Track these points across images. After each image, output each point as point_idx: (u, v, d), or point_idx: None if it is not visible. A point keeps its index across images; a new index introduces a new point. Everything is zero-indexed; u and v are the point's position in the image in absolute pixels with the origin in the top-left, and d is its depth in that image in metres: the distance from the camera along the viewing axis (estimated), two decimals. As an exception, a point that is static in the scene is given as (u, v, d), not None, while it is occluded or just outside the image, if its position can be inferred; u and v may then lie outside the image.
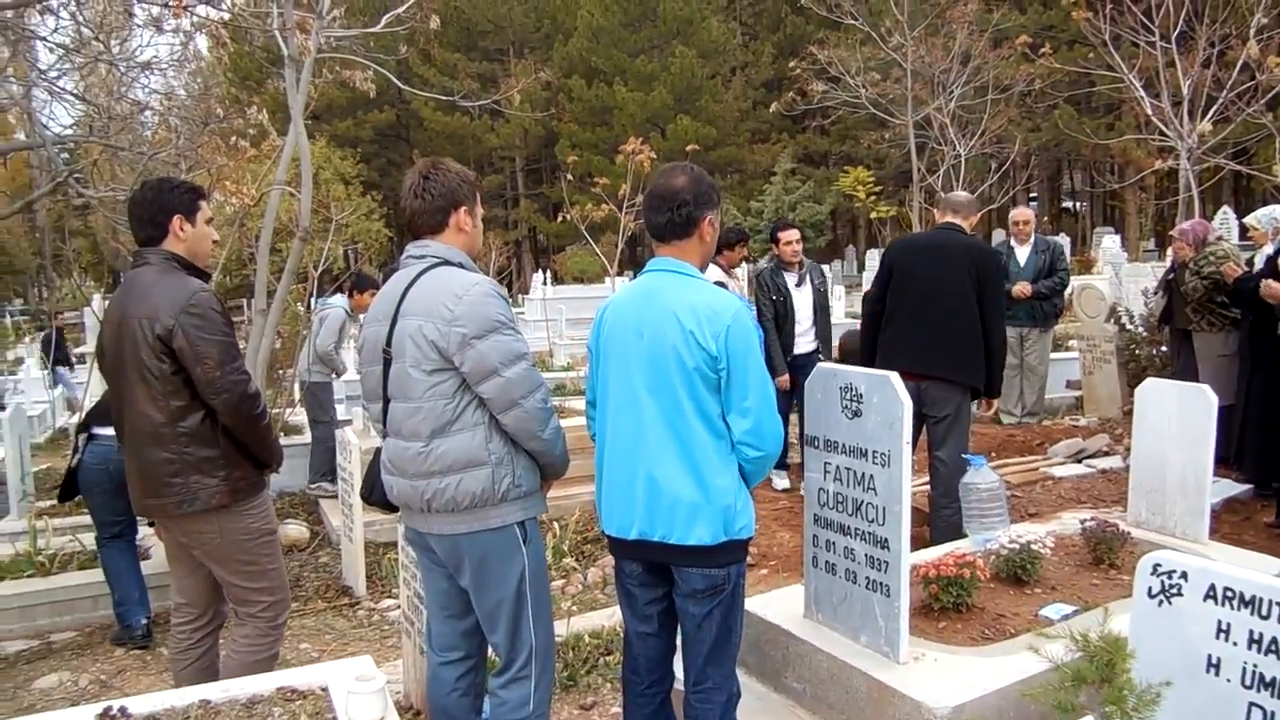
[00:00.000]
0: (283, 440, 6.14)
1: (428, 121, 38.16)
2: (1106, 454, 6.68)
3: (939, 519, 4.79)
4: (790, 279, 6.53)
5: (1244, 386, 5.88)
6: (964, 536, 4.24)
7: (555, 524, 5.92)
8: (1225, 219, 17.67)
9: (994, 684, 2.94)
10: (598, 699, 3.82)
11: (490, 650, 2.99)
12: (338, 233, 10.57)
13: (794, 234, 6.58)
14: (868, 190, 26.29)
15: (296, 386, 8.13)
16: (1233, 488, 5.85)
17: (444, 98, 13.79)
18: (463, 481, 2.67)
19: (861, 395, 3.20)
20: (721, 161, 35.33)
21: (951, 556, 3.59)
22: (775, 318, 6.47)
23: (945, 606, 3.45)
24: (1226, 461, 5.98)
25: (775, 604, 3.71)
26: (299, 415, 8.36)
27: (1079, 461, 6.64)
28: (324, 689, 2.63)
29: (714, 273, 6.78)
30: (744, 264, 6.94)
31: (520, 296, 26.03)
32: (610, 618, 4.65)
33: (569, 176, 15.20)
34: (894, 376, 3.12)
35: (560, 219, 14.50)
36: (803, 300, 6.55)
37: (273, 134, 7.58)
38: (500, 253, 24.11)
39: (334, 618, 5.24)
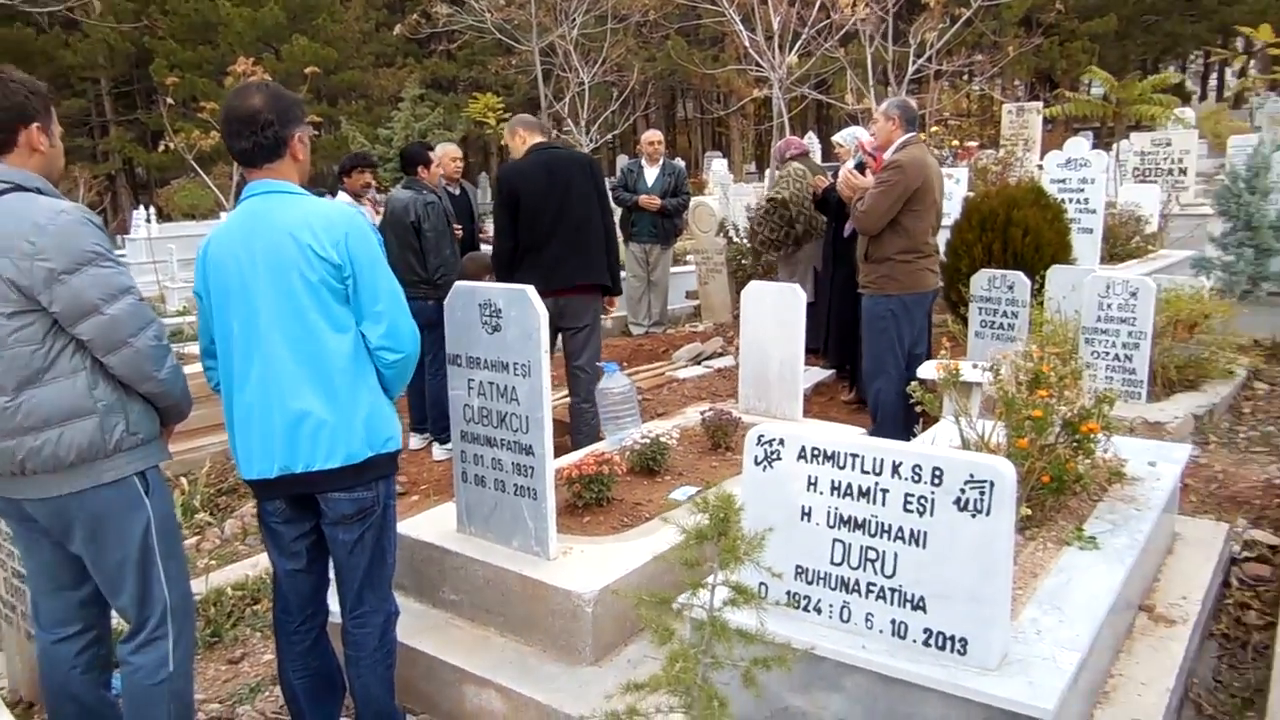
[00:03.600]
0: None
1: (-21, 32, 31.97)
2: (721, 354, 7.43)
3: (581, 424, 5.07)
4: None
5: (826, 285, 6.79)
6: (603, 439, 4.54)
7: (183, 479, 5.45)
8: (811, 141, 19.92)
9: (634, 563, 3.21)
10: (247, 650, 3.64)
11: (116, 616, 2.73)
12: None
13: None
14: (497, 116, 26.30)
15: None
16: (821, 373, 6.79)
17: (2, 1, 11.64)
18: (64, 435, 2.38)
19: (500, 310, 3.27)
20: (345, 86, 33.41)
21: (591, 457, 3.83)
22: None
23: (588, 503, 3.68)
24: (817, 351, 6.93)
25: (428, 523, 3.73)
26: None
27: (699, 363, 7.34)
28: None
29: (342, 200, 6.50)
30: (372, 191, 6.69)
31: (120, 238, 23.06)
32: (255, 567, 4.42)
33: (169, 101, 13.54)
34: (530, 290, 3.21)
35: (162, 149, 12.96)
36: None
37: None
38: (90, 188, 21.06)
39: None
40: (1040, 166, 7.98)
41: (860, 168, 5.82)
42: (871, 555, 2.49)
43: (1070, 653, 2.44)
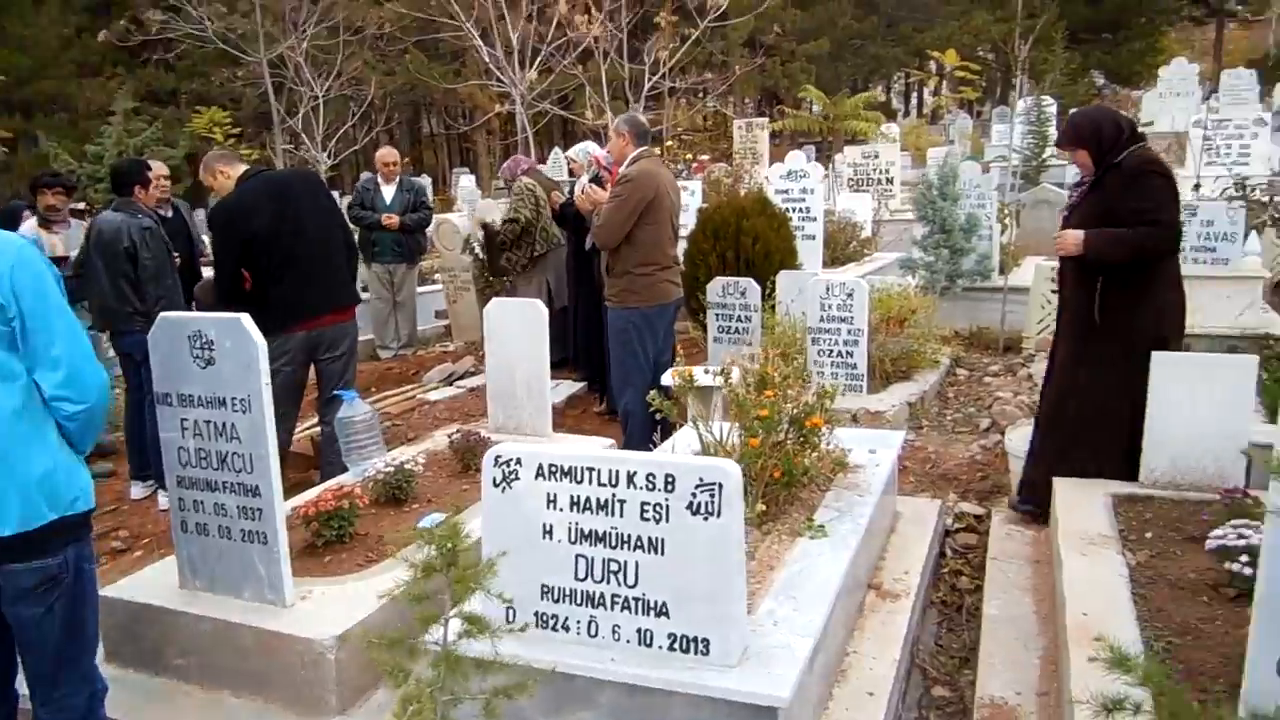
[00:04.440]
0: None
1: None
2: (474, 373, 7.31)
3: (332, 454, 4.78)
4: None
5: (573, 296, 6.86)
6: (345, 470, 4.31)
7: None
8: (556, 157, 20.13)
9: (378, 602, 3.05)
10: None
11: None
12: None
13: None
14: (224, 132, 24.61)
15: None
16: (573, 386, 6.84)
17: None
18: None
19: (212, 342, 3.01)
20: (42, 97, 30.01)
21: (330, 491, 3.62)
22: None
23: (329, 541, 3.47)
24: (567, 363, 6.98)
25: (145, 582, 3.37)
26: None
27: (451, 384, 7.18)
28: None
29: (28, 227, 5.83)
30: (65, 213, 6.00)
31: None
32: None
33: None
34: (244, 317, 2.99)
35: None
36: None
37: None
38: None
39: None
40: (767, 179, 8.50)
41: (597, 181, 5.92)
42: (614, 567, 2.50)
43: (804, 639, 2.57)
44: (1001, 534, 4.18)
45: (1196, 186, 7.89)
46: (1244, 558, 2.89)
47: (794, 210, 7.72)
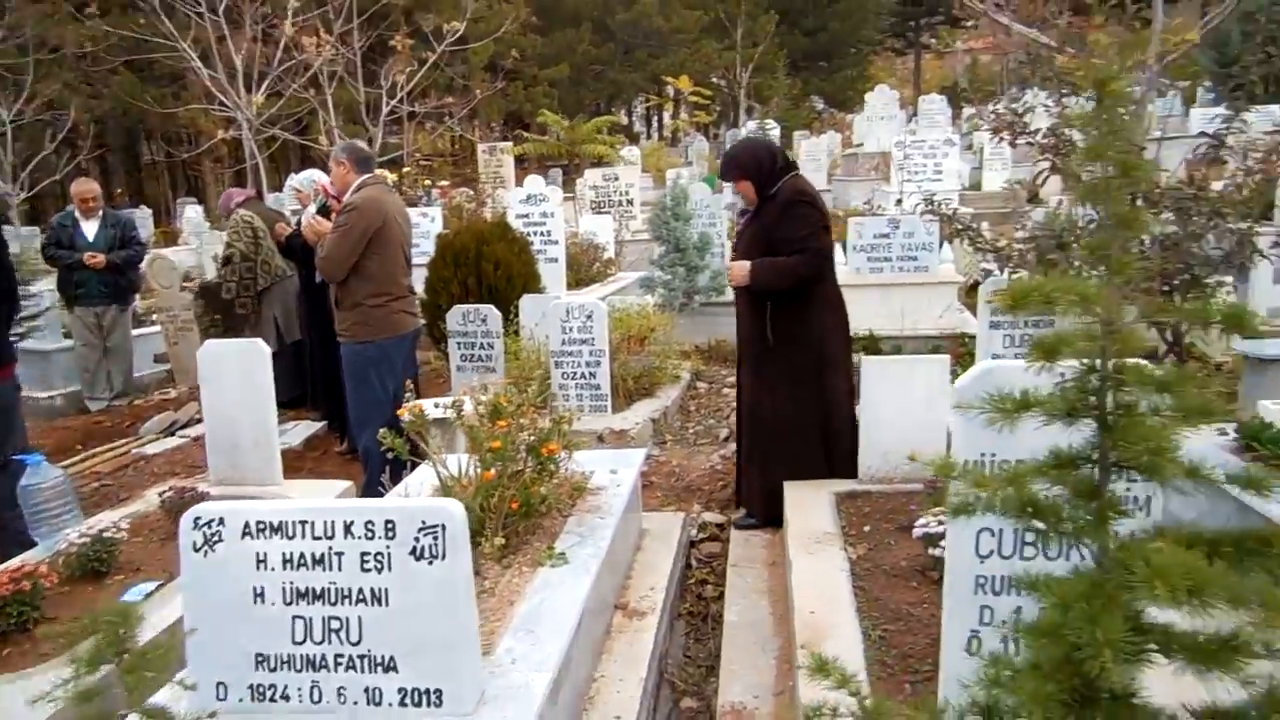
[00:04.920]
0: None
1: None
2: (198, 420, 6.70)
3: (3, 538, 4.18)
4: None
5: (306, 330, 6.48)
6: (35, 545, 3.79)
7: None
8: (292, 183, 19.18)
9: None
10: None
11: None
12: None
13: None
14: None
15: None
16: (311, 427, 6.46)
17: None
18: None
19: None
20: None
21: (6, 574, 3.16)
22: None
23: (8, 630, 3.03)
24: (303, 401, 6.59)
25: None
26: None
27: (172, 434, 6.55)
28: None
29: None
30: None
31: None
32: None
33: None
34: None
35: None
36: None
37: None
38: None
39: None
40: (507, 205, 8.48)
41: (324, 211, 5.63)
42: (335, 625, 2.33)
43: (543, 674, 2.51)
44: (740, 540, 4.34)
45: (898, 201, 8.70)
46: (944, 543, 3.15)
47: (535, 234, 7.73)
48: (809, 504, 3.96)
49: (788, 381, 4.21)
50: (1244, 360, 5.14)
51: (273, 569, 2.33)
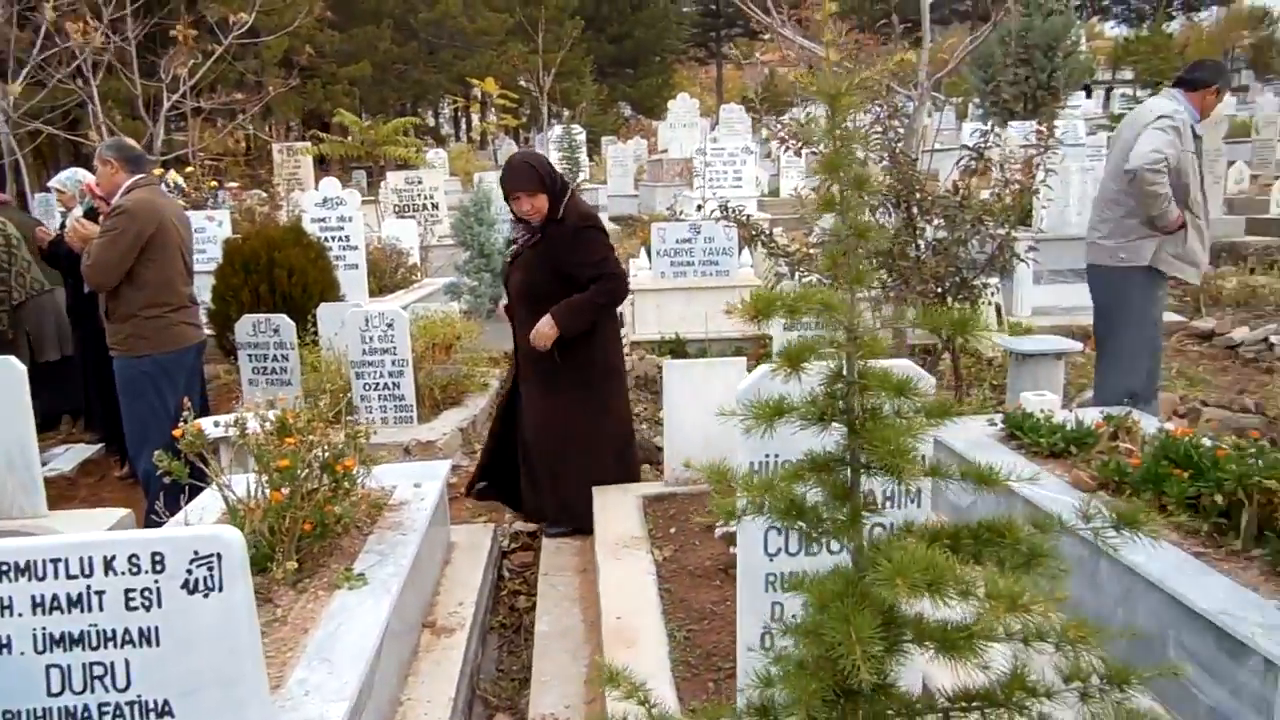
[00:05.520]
0: None
1: None
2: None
3: None
4: None
5: (78, 344, 5.95)
6: None
7: None
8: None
9: None
10: None
11: None
12: None
13: None
14: None
15: None
16: (85, 450, 5.92)
17: None
18: None
19: None
20: None
21: None
22: None
23: None
24: (78, 417, 6.06)
25: None
26: None
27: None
28: None
29: None
30: None
31: None
32: None
33: None
34: None
35: None
36: None
37: None
38: None
39: None
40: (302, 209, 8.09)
41: (91, 214, 5.17)
42: (99, 671, 2.12)
43: (340, 704, 2.39)
44: (552, 548, 4.33)
45: (699, 207, 8.94)
46: (742, 540, 3.26)
47: (333, 239, 7.42)
48: (617, 508, 4.00)
49: (577, 392, 4.24)
50: (1008, 355, 5.63)
51: (20, 615, 2.10)
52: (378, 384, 5.40)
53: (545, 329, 4.11)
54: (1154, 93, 5.42)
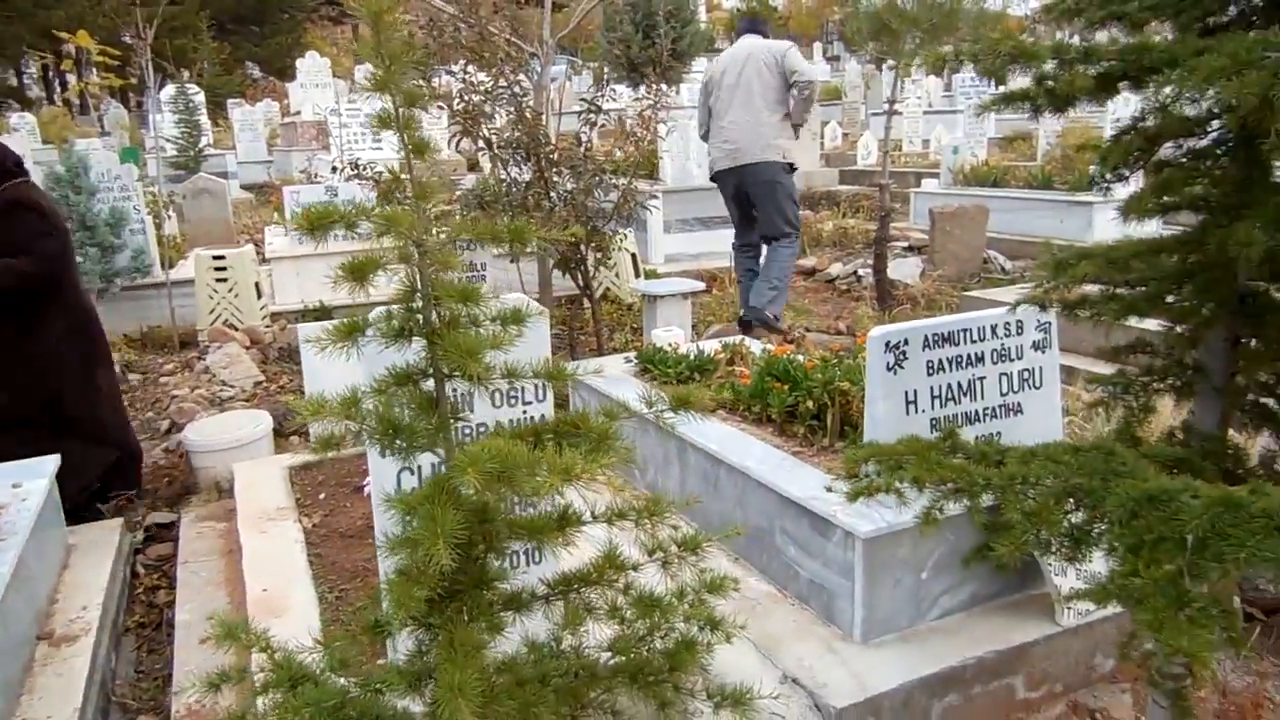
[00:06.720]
0: None
1: None
2: None
3: None
4: None
5: None
6: None
7: None
8: None
9: None
10: None
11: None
12: None
13: None
14: None
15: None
16: None
17: None
18: None
19: None
20: None
21: None
22: None
23: None
24: None
25: None
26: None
27: None
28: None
29: None
30: None
31: None
32: None
33: None
34: None
35: None
36: None
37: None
38: None
39: None
40: None
41: None
42: None
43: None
44: (192, 534, 4.03)
45: (334, 169, 8.53)
46: (393, 494, 3.26)
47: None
48: (260, 481, 3.81)
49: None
50: (643, 298, 6.05)
51: None
52: None
53: None
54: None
